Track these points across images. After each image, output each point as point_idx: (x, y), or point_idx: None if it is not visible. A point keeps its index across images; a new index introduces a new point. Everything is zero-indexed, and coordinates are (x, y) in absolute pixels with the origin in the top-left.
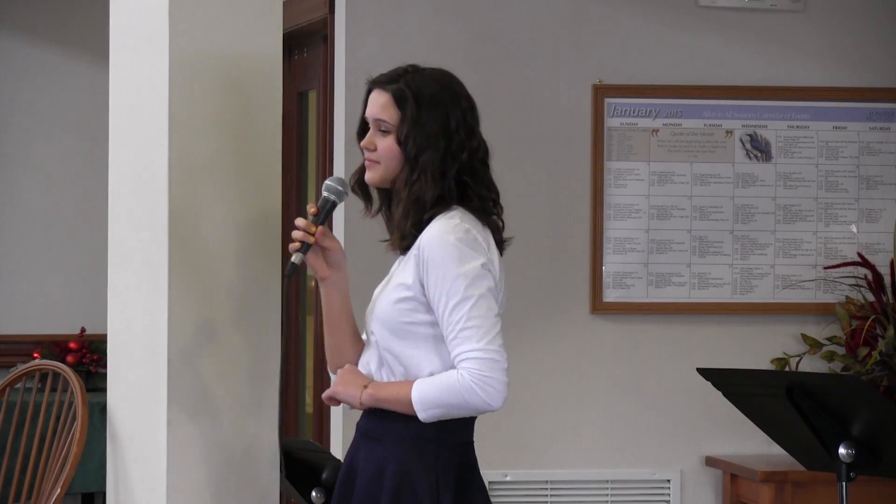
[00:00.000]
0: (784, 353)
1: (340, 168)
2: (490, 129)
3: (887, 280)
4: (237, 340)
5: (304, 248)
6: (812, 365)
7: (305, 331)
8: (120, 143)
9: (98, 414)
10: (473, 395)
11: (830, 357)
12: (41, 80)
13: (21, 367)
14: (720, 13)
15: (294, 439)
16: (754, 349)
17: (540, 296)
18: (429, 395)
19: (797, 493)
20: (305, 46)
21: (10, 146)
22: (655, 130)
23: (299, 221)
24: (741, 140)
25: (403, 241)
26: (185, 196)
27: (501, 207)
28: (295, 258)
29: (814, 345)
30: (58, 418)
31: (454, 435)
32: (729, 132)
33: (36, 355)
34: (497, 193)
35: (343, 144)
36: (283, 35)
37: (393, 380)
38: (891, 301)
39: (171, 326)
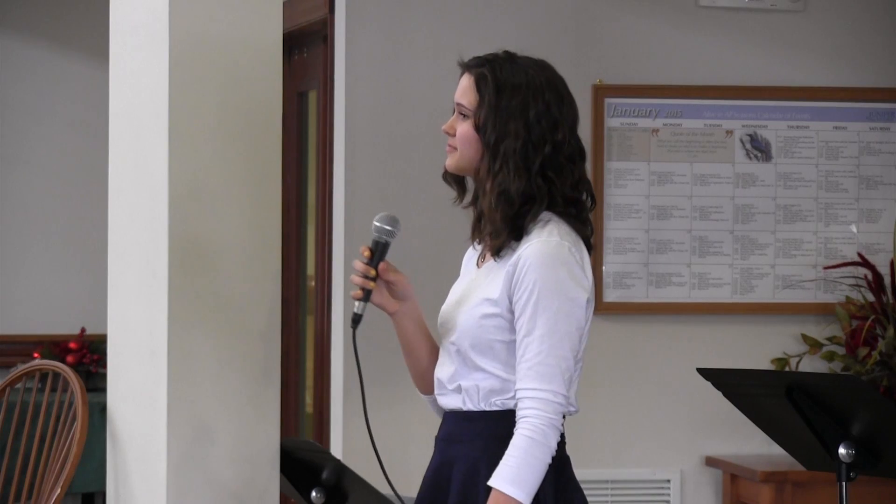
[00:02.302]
0: (784, 353)
1: (340, 168)
2: None
3: (887, 280)
4: (237, 340)
5: (367, 295)
6: (812, 365)
7: (305, 331)
8: (120, 142)
9: (98, 414)
10: (550, 439)
11: (830, 357)
12: (41, 80)
13: (21, 367)
14: (720, 13)
15: (294, 439)
16: (754, 349)
17: None
18: (518, 476)
19: (797, 493)
20: (305, 46)
21: (10, 146)
22: (655, 130)
23: (357, 265)
24: (741, 140)
25: (497, 238)
26: (185, 196)
27: (594, 201)
28: (357, 307)
29: (814, 345)
30: (58, 418)
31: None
32: (729, 132)
33: (36, 355)
34: (589, 188)
35: (343, 144)
36: (283, 35)
37: (468, 381)
38: (891, 301)
39: (171, 326)
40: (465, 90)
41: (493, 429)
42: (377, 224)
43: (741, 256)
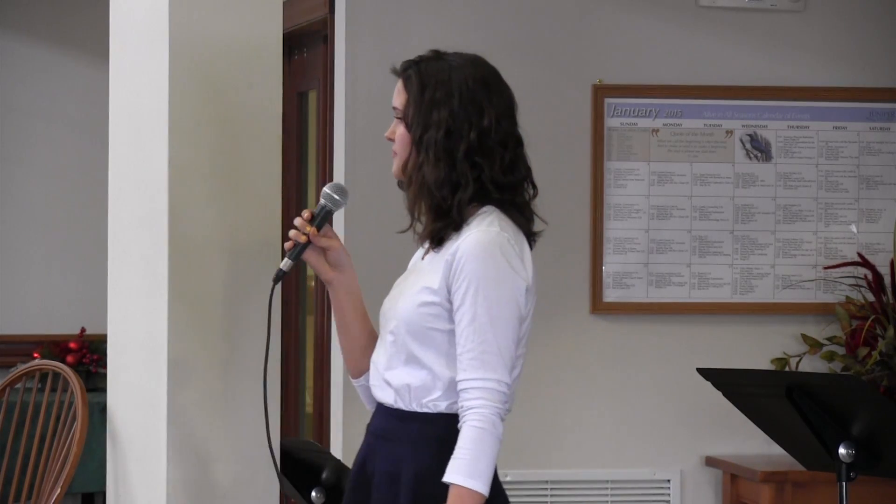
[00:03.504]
0: (784, 353)
1: (340, 168)
2: None
3: (887, 280)
4: (237, 340)
5: (295, 252)
6: (812, 365)
7: (305, 331)
8: (120, 143)
9: (98, 414)
10: (498, 428)
11: (830, 357)
12: (41, 80)
13: (21, 367)
14: (720, 13)
15: (294, 439)
16: (754, 349)
17: (540, 296)
18: (475, 468)
19: (797, 493)
20: (305, 46)
21: (10, 146)
22: (655, 130)
23: (296, 221)
24: (741, 140)
25: (425, 228)
26: (184, 196)
27: (535, 189)
28: (283, 264)
29: (814, 345)
30: (58, 418)
31: None
32: (729, 132)
33: (36, 355)
34: (527, 174)
35: (343, 144)
36: (283, 35)
37: (400, 378)
38: (891, 301)
39: (171, 326)
40: (396, 93)
41: (432, 432)
42: (326, 191)
43: (741, 256)
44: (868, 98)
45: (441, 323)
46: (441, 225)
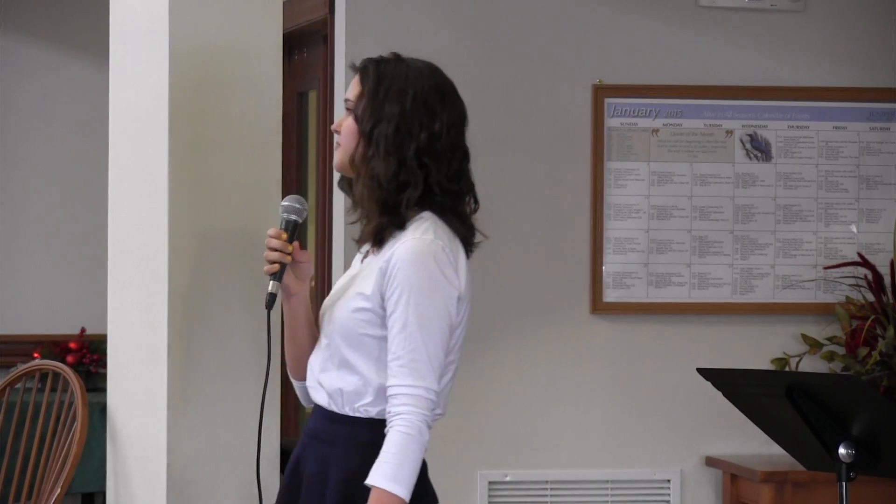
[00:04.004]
0: (784, 353)
1: None
2: (490, 128)
3: (887, 280)
4: (237, 340)
5: (280, 273)
6: (812, 365)
7: None
8: (120, 143)
9: (98, 414)
10: (424, 435)
11: (830, 357)
12: (41, 80)
13: (21, 367)
14: (720, 13)
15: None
16: (754, 349)
17: (540, 296)
18: (399, 473)
19: (797, 493)
20: (305, 46)
21: (10, 146)
22: (655, 130)
23: (274, 242)
24: (741, 140)
25: (369, 223)
26: (184, 196)
27: (477, 203)
28: (272, 287)
29: (814, 345)
30: (58, 418)
31: None
32: (729, 132)
33: (36, 355)
34: (470, 188)
35: None
36: (283, 35)
37: (332, 382)
38: (891, 301)
39: (171, 326)
40: (351, 86)
41: (362, 436)
42: (287, 204)
43: (741, 256)
44: (868, 98)
45: (374, 329)
46: (386, 221)
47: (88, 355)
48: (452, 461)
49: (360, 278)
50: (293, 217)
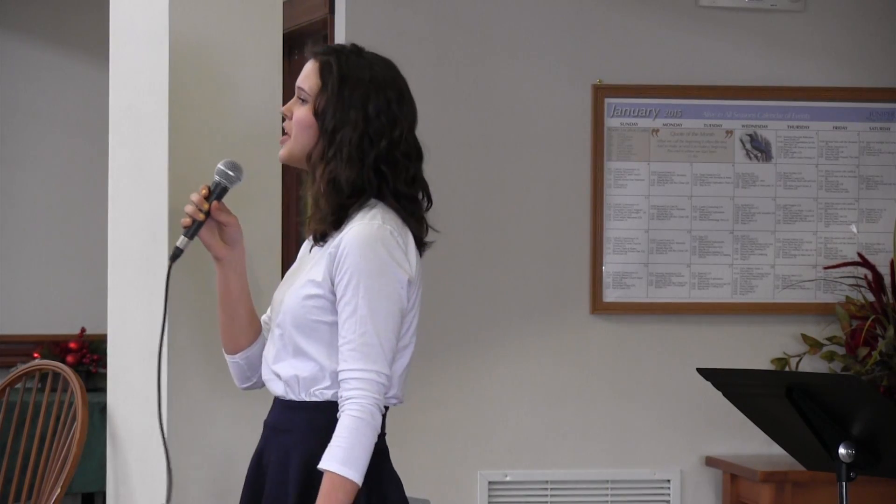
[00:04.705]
0: (784, 353)
1: None
2: (490, 129)
3: (887, 280)
4: None
5: (192, 229)
6: (812, 365)
7: None
8: (120, 143)
9: (98, 414)
10: (376, 419)
11: (830, 357)
12: (41, 80)
13: (21, 367)
14: (720, 13)
15: None
16: (754, 349)
17: (540, 296)
18: (349, 457)
19: (797, 493)
20: (305, 46)
21: (10, 146)
22: (655, 130)
23: (192, 197)
24: (741, 140)
25: (320, 224)
26: (184, 196)
27: (430, 202)
28: (180, 242)
29: (814, 345)
30: (58, 418)
31: None
32: (729, 132)
33: (36, 355)
34: (423, 190)
35: None
36: (283, 35)
37: (288, 370)
38: (891, 301)
39: (171, 326)
40: (307, 75)
41: (319, 420)
42: (220, 167)
43: (741, 256)
44: (868, 98)
45: (326, 315)
46: (332, 220)
47: (88, 355)
48: (452, 461)
49: (309, 266)
50: (220, 180)
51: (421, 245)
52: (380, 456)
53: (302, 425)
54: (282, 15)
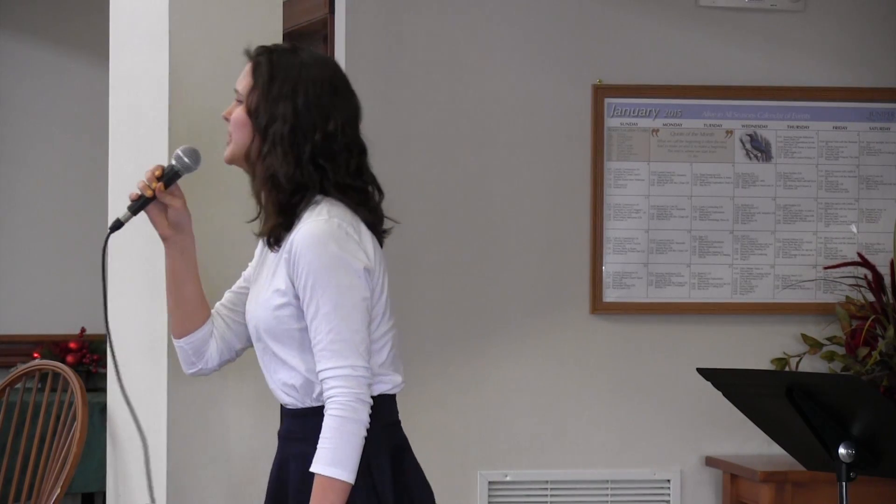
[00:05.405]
0: (784, 353)
1: None
2: (490, 129)
3: (887, 280)
4: None
5: (136, 205)
6: (812, 365)
7: None
8: (120, 143)
9: (98, 414)
10: (359, 413)
11: (830, 357)
12: (41, 80)
13: (21, 367)
14: (720, 13)
15: None
16: (754, 349)
17: (540, 296)
18: (335, 456)
19: (797, 493)
20: (305, 46)
21: (10, 146)
22: (655, 130)
23: (145, 174)
24: (741, 140)
25: (266, 223)
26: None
27: (381, 194)
28: (122, 215)
29: (814, 345)
30: (58, 418)
31: (380, 417)
32: (729, 132)
33: (36, 355)
34: (372, 180)
35: None
36: (283, 35)
37: (283, 380)
38: (891, 301)
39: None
40: (242, 76)
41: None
42: (178, 152)
43: (741, 256)
44: (868, 98)
45: (298, 322)
46: (281, 221)
47: (88, 355)
48: (452, 461)
49: (270, 274)
50: (174, 164)
51: (378, 233)
52: (399, 450)
53: (315, 430)
54: (282, 15)
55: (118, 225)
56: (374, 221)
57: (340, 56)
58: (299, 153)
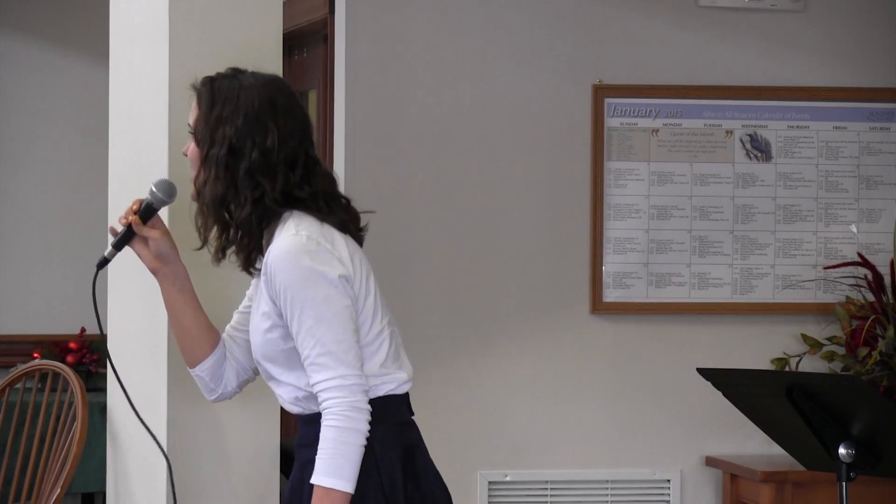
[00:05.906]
0: (784, 353)
1: (340, 167)
2: (490, 129)
3: (887, 280)
4: None
5: (117, 240)
6: (812, 365)
7: None
8: (120, 143)
9: (98, 414)
10: (355, 422)
11: (830, 357)
12: (41, 80)
13: (21, 367)
14: (720, 13)
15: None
16: (754, 349)
17: (540, 296)
18: (331, 466)
19: (797, 493)
20: (305, 46)
21: (10, 146)
22: (655, 130)
23: (125, 209)
24: (741, 140)
25: (240, 254)
26: (184, 196)
27: (344, 200)
28: (107, 252)
29: (814, 345)
30: (58, 418)
31: (387, 417)
32: (729, 132)
33: (36, 355)
34: (332, 184)
35: (343, 144)
36: (283, 35)
37: (288, 395)
38: (891, 301)
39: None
40: (191, 111)
41: None
42: (151, 187)
43: (741, 256)
44: (868, 98)
45: (286, 342)
46: (246, 243)
47: (88, 355)
48: (452, 461)
49: (257, 298)
50: (148, 198)
51: (356, 234)
52: (410, 450)
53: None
54: (282, 15)
55: (104, 262)
56: (348, 221)
57: (340, 56)
58: (235, 172)
